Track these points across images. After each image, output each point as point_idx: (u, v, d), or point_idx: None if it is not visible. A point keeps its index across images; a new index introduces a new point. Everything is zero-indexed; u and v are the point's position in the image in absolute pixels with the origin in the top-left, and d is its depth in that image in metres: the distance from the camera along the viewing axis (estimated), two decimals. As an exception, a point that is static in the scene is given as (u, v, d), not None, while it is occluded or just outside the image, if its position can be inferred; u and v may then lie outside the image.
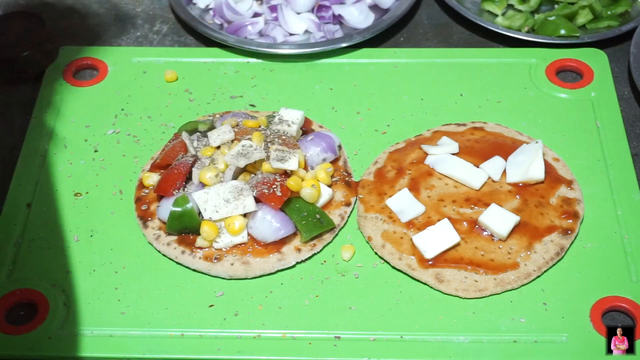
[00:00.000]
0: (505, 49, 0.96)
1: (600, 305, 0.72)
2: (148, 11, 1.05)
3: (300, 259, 0.76)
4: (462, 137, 0.84)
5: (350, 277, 0.75)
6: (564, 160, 0.83)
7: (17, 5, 1.06)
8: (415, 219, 0.77)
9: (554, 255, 0.75)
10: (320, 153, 0.81)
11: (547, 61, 0.93)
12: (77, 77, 0.96)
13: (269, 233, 0.75)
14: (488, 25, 0.97)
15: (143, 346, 0.71)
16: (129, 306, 0.73)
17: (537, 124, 0.87)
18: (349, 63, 0.95)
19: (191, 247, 0.76)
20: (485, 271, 0.73)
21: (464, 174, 0.79)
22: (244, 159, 0.77)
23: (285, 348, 0.70)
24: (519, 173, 0.79)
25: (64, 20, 1.04)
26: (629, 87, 0.92)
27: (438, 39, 1.00)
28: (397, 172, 0.82)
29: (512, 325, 0.71)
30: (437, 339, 0.70)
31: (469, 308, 0.72)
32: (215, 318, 0.72)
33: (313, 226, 0.76)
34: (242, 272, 0.75)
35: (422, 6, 1.04)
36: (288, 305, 0.73)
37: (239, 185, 0.76)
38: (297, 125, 0.82)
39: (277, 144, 0.79)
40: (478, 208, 0.77)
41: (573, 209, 0.78)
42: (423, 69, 0.94)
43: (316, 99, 0.91)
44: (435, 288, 0.73)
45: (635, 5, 1.00)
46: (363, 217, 0.79)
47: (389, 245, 0.76)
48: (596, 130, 0.86)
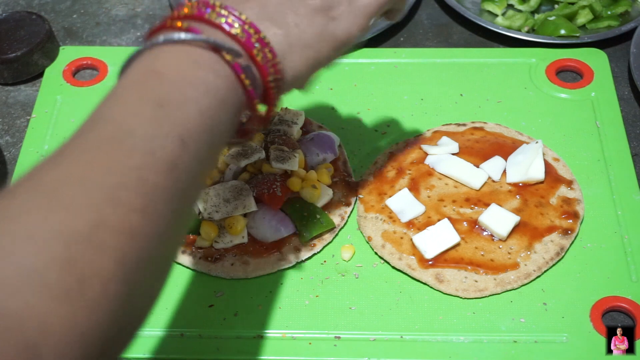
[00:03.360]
0: (505, 49, 0.96)
1: (600, 305, 0.72)
2: (148, 11, 1.05)
3: (300, 259, 0.76)
4: (462, 137, 0.84)
5: (350, 277, 0.75)
6: (564, 160, 0.83)
7: (17, 5, 1.06)
8: (415, 219, 0.77)
9: (554, 255, 0.75)
10: (320, 153, 0.81)
11: (547, 61, 0.93)
12: (77, 77, 0.96)
13: (269, 233, 0.75)
14: (488, 25, 0.97)
15: (143, 346, 0.71)
16: (129, 306, 0.73)
17: (537, 124, 0.87)
18: (349, 63, 0.95)
19: (191, 247, 0.76)
20: (485, 271, 0.73)
21: (464, 174, 0.79)
22: (244, 159, 0.77)
23: (285, 348, 0.70)
24: (519, 173, 0.79)
25: (64, 20, 1.04)
26: (629, 87, 0.92)
27: (438, 39, 1.00)
28: (397, 172, 0.82)
29: (512, 325, 0.71)
30: (437, 339, 0.70)
31: (469, 308, 0.72)
32: (215, 318, 0.72)
33: (313, 226, 0.76)
34: (242, 272, 0.75)
35: (422, 6, 1.04)
36: (288, 305, 0.73)
37: (239, 185, 0.76)
38: (297, 125, 0.82)
39: (277, 144, 0.79)
40: (478, 208, 0.77)
41: (573, 209, 0.78)
42: (423, 69, 0.94)
43: (316, 99, 0.91)
44: (435, 288, 0.73)
45: (635, 5, 1.00)
46: (363, 217, 0.79)
47: (389, 245, 0.76)
48: (596, 130, 0.86)
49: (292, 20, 0.54)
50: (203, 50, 0.49)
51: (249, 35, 0.51)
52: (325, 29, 0.56)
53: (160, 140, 0.44)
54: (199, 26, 0.50)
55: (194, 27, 0.50)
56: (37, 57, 0.94)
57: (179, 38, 0.49)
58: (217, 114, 0.48)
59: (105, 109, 0.46)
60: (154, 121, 0.45)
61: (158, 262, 0.45)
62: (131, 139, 0.43)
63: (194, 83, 0.47)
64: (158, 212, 0.43)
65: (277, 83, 0.53)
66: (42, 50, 0.94)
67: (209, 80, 0.48)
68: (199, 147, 0.46)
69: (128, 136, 0.44)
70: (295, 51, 0.54)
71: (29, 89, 0.95)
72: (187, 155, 0.45)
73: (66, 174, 0.41)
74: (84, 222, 0.39)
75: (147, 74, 0.48)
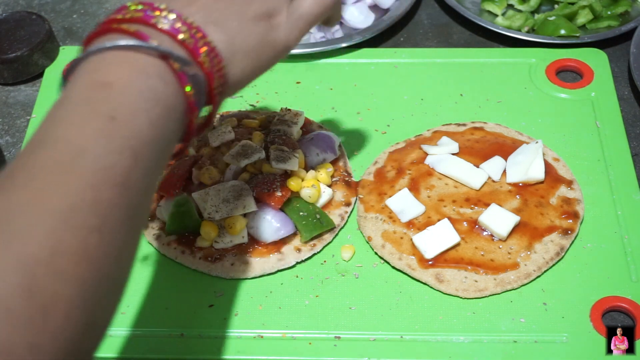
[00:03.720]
0: (505, 49, 0.96)
1: (600, 305, 0.72)
2: (148, 11, 1.05)
3: (300, 259, 0.76)
4: (462, 137, 0.84)
5: (350, 277, 0.75)
6: (564, 160, 0.83)
7: (17, 5, 1.06)
8: (415, 219, 0.77)
9: (554, 255, 0.75)
10: (320, 153, 0.81)
11: (547, 61, 0.93)
12: (77, 77, 0.95)
13: (269, 233, 0.75)
14: (488, 25, 0.97)
15: (143, 346, 0.71)
16: (128, 306, 0.73)
17: (537, 124, 0.87)
18: (349, 63, 0.95)
19: (191, 247, 0.76)
20: (485, 271, 0.73)
21: (464, 174, 0.79)
22: (244, 159, 0.77)
23: (285, 348, 0.70)
24: (519, 173, 0.79)
25: (64, 20, 1.04)
26: (629, 87, 0.92)
27: (438, 39, 1.00)
28: (397, 172, 0.82)
29: (512, 325, 0.71)
30: (437, 339, 0.70)
31: (469, 308, 0.72)
32: (215, 318, 0.72)
33: (313, 226, 0.76)
34: (242, 272, 0.75)
35: (422, 6, 1.04)
36: (288, 305, 0.73)
37: (239, 185, 0.76)
38: (297, 125, 0.82)
39: (277, 144, 0.79)
40: (478, 208, 0.77)
41: (573, 209, 0.78)
42: (423, 69, 0.94)
43: (316, 99, 0.91)
44: (435, 288, 0.73)
45: (635, 5, 1.00)
46: (363, 217, 0.79)
47: (389, 245, 0.76)
48: (596, 130, 0.86)
49: (236, 25, 0.54)
50: (151, 57, 0.47)
51: (196, 40, 0.50)
52: (267, 36, 0.56)
53: (113, 156, 0.43)
54: (146, 31, 0.49)
55: (142, 32, 0.48)
56: (37, 57, 0.94)
57: (127, 44, 0.47)
58: (166, 123, 0.47)
59: (54, 127, 0.44)
60: (105, 136, 0.43)
61: (116, 279, 0.44)
62: (83, 158, 0.42)
63: (144, 93, 0.46)
64: (114, 230, 0.42)
65: (221, 88, 0.53)
66: (42, 50, 0.94)
67: (159, 89, 0.47)
68: (150, 159, 0.46)
69: (79, 154, 0.42)
70: (239, 57, 0.54)
71: (29, 89, 0.95)
72: (139, 168, 0.44)
73: (18, 201, 0.40)
74: (42, 249, 0.39)
75: (96, 85, 0.46)
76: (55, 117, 0.45)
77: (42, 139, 0.44)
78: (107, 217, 0.42)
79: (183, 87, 0.49)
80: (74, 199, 0.41)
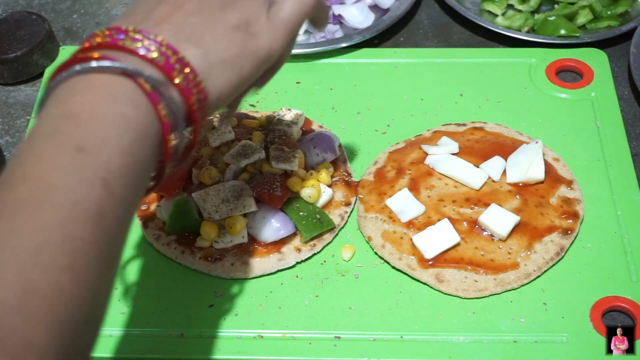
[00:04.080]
0: (505, 49, 0.96)
1: (600, 305, 0.72)
2: (148, 11, 1.05)
3: (300, 259, 0.76)
4: (462, 137, 0.84)
5: (350, 277, 0.75)
6: (564, 160, 0.83)
7: (17, 5, 1.06)
8: (415, 219, 0.77)
9: (554, 255, 0.75)
10: (320, 153, 0.81)
11: (547, 61, 0.93)
12: (77, 77, 0.95)
13: (269, 233, 0.75)
14: (488, 25, 0.97)
15: (143, 346, 0.71)
16: (128, 306, 0.73)
17: (537, 124, 0.87)
18: (349, 63, 0.95)
19: (191, 247, 0.76)
20: (485, 271, 0.73)
21: (464, 174, 0.79)
22: (244, 159, 0.77)
23: (285, 348, 0.70)
24: (519, 173, 0.79)
25: (64, 20, 1.04)
26: (629, 87, 0.92)
27: (438, 39, 1.00)
28: (397, 172, 0.82)
29: (512, 325, 0.71)
30: (437, 339, 0.70)
31: (469, 308, 0.72)
32: (215, 318, 0.72)
33: (313, 226, 0.76)
34: (242, 272, 0.75)
35: (422, 6, 1.04)
36: (288, 305, 0.73)
37: (239, 185, 0.76)
38: (297, 125, 0.82)
39: (277, 144, 0.79)
40: (478, 208, 0.77)
41: (573, 209, 0.78)
42: (423, 69, 0.94)
43: (316, 99, 0.91)
44: (435, 288, 0.73)
45: (635, 5, 1.00)
46: (363, 217, 0.79)
47: (389, 245, 0.76)
48: (596, 130, 0.86)
49: (211, 39, 0.52)
50: (119, 80, 0.46)
51: (167, 57, 0.48)
52: (246, 46, 0.54)
53: (83, 189, 0.41)
54: (114, 54, 0.47)
55: (109, 55, 0.46)
56: (37, 57, 0.94)
57: (93, 67, 0.45)
58: (140, 148, 0.45)
59: (20, 165, 0.43)
60: (73, 169, 0.42)
61: (92, 316, 0.42)
62: (52, 194, 0.41)
63: (113, 120, 0.44)
64: (87, 267, 0.40)
65: (201, 104, 0.50)
66: (42, 50, 0.94)
67: (128, 115, 0.45)
68: (125, 189, 0.44)
69: (48, 191, 0.41)
70: (217, 70, 0.52)
71: (29, 89, 0.95)
72: (113, 199, 0.43)
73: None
74: (11, 292, 0.37)
75: (61, 117, 0.44)
76: (24, 154, 0.43)
77: (11, 176, 0.42)
78: (79, 255, 0.40)
79: (156, 107, 0.47)
80: (42, 237, 0.39)
